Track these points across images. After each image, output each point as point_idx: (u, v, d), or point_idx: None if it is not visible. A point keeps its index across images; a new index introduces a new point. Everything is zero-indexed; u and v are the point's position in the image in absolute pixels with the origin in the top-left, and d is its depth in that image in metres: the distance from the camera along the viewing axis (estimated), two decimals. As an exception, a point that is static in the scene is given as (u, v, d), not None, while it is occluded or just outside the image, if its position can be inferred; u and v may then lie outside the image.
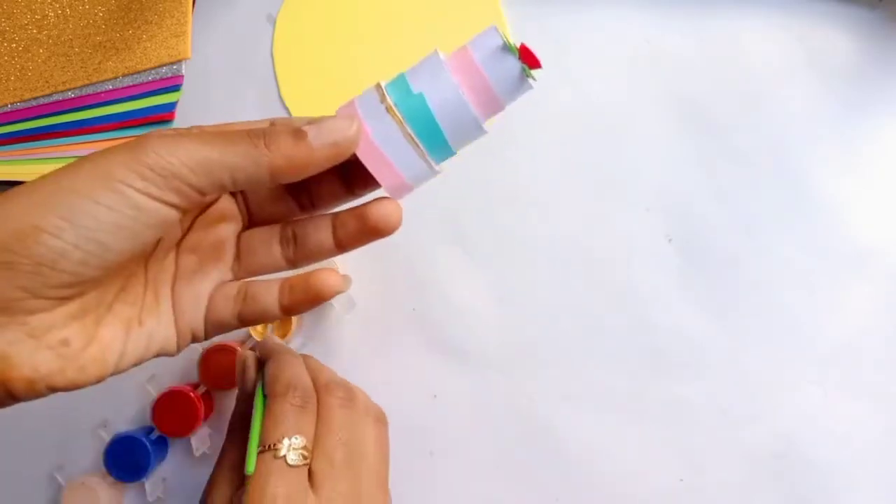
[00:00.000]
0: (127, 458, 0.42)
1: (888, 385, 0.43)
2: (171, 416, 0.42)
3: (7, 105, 0.45)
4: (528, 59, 0.28)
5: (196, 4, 0.45)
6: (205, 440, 0.45)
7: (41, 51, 0.45)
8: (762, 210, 0.44)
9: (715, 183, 0.45)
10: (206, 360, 0.43)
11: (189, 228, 0.30)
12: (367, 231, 0.30)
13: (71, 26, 0.44)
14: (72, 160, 0.43)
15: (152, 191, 0.25)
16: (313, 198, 0.32)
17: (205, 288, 0.30)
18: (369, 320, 0.45)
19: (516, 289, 0.45)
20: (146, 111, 0.43)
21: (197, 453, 0.44)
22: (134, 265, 0.29)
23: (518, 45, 0.28)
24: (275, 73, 0.47)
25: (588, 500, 0.43)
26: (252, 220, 0.32)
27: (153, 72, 0.44)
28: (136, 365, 0.29)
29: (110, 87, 0.44)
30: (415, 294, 0.45)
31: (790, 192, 0.44)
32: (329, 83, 0.46)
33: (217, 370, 0.43)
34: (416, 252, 0.45)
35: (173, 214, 0.26)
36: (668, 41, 0.45)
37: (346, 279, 0.32)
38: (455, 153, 0.30)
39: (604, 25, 0.46)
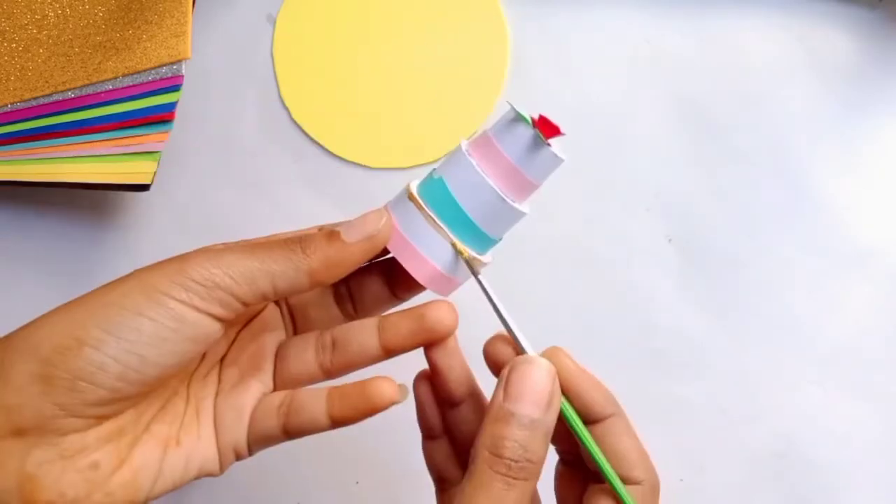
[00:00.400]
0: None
1: (888, 385, 0.43)
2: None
3: (7, 105, 0.45)
4: (546, 128, 0.28)
5: (196, 4, 0.45)
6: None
7: (41, 51, 0.45)
8: (762, 210, 0.44)
9: (715, 183, 0.45)
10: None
11: (233, 342, 0.30)
12: (422, 332, 0.29)
13: (71, 26, 0.44)
14: (72, 160, 0.43)
15: (196, 302, 0.24)
16: (356, 303, 0.31)
17: (246, 402, 0.29)
18: (369, 320, 0.45)
19: (516, 288, 0.45)
20: (146, 111, 0.43)
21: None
22: (177, 382, 0.28)
23: (535, 116, 0.28)
24: (275, 73, 0.47)
25: (588, 501, 0.43)
26: (297, 331, 0.31)
27: (153, 72, 0.44)
28: (174, 489, 0.28)
29: (110, 87, 0.44)
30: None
31: (790, 192, 0.44)
32: (329, 83, 0.46)
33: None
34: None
35: (216, 327, 0.25)
36: (668, 41, 0.45)
37: (403, 389, 0.30)
38: (497, 239, 0.30)
39: (604, 25, 0.46)
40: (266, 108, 0.46)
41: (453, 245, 0.29)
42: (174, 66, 0.43)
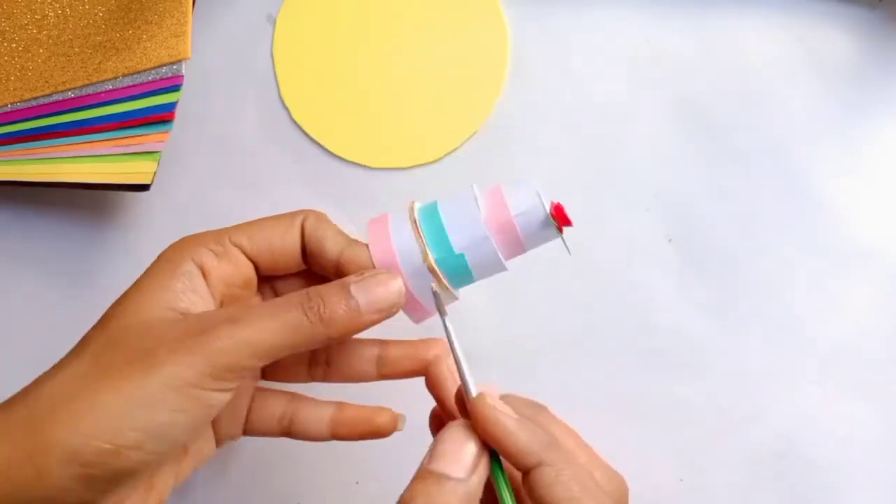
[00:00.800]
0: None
1: (888, 385, 0.43)
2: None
3: (7, 105, 0.45)
4: (561, 219, 0.30)
5: (196, 4, 0.45)
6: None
7: (41, 51, 0.45)
8: (762, 210, 0.44)
9: (715, 183, 0.45)
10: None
11: None
12: (420, 370, 0.31)
13: (71, 26, 0.44)
14: (72, 160, 0.43)
15: (224, 385, 0.25)
16: (331, 371, 0.32)
17: (242, 402, 0.30)
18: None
19: (516, 288, 0.45)
20: (146, 111, 0.43)
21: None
22: None
23: (553, 206, 0.30)
24: (275, 73, 0.47)
25: (588, 501, 0.43)
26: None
27: (153, 72, 0.44)
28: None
29: (110, 87, 0.44)
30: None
31: (790, 191, 0.44)
32: (329, 83, 0.46)
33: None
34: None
35: (231, 394, 0.26)
36: (668, 41, 0.45)
37: (402, 419, 0.31)
38: (472, 282, 0.31)
39: (604, 25, 0.46)
40: (266, 108, 0.46)
41: (453, 297, 0.30)
42: (174, 66, 0.43)
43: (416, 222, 0.29)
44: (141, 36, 0.44)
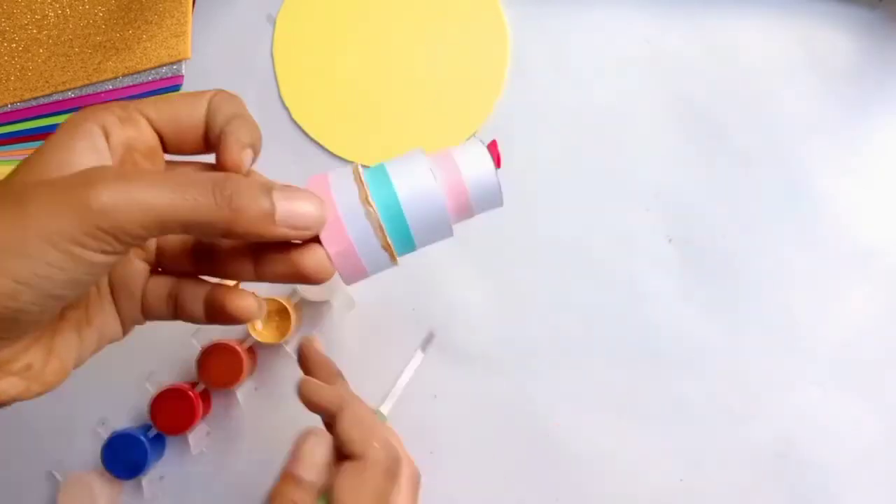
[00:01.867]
0: (124, 456, 0.42)
1: (888, 385, 0.43)
2: (169, 413, 0.42)
3: (7, 105, 0.45)
4: (495, 156, 0.28)
5: (196, 4, 0.45)
6: (202, 438, 0.45)
7: (41, 51, 0.45)
8: (762, 210, 0.44)
9: (715, 183, 0.44)
10: (205, 358, 0.43)
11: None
12: (297, 278, 0.28)
13: (71, 26, 0.44)
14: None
15: (105, 248, 0.23)
16: (214, 266, 0.30)
17: (136, 282, 0.29)
18: (369, 320, 0.45)
19: (516, 289, 0.45)
20: (146, 111, 0.43)
21: (195, 451, 0.44)
22: None
23: (489, 143, 0.28)
24: (275, 73, 0.47)
25: (588, 500, 0.43)
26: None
27: (153, 72, 0.44)
28: (89, 358, 0.29)
29: (110, 87, 0.44)
30: (415, 294, 0.45)
31: (790, 192, 0.44)
32: (329, 83, 0.46)
33: (215, 368, 0.43)
34: (415, 251, 0.45)
35: (120, 258, 0.25)
36: (668, 41, 0.45)
37: (262, 306, 0.30)
38: (414, 249, 0.29)
39: (604, 25, 0.46)
40: (266, 108, 0.46)
41: (384, 238, 0.27)
42: (174, 66, 0.43)
43: (359, 176, 0.28)
44: (141, 36, 0.44)
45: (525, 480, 0.44)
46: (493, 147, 0.28)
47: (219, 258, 0.29)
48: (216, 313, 0.29)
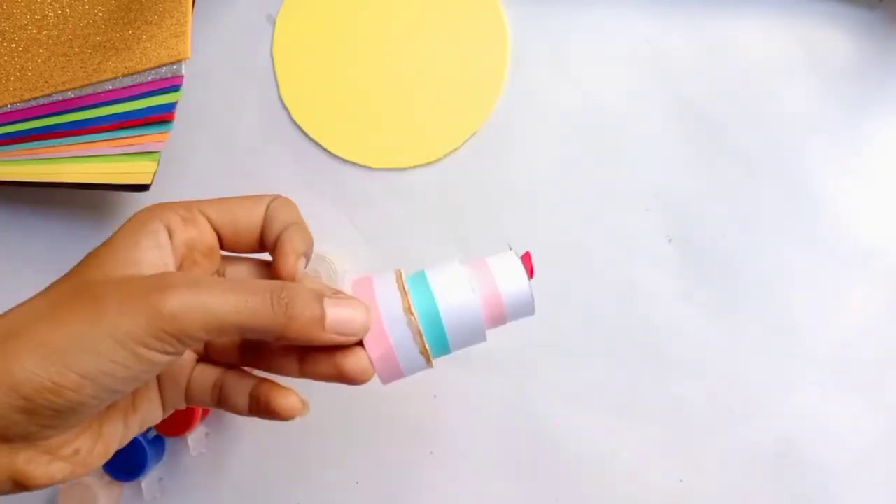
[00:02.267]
0: (124, 458, 0.42)
1: (888, 385, 0.43)
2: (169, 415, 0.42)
3: (7, 105, 0.45)
4: (529, 268, 0.30)
5: (196, 4, 0.45)
6: (201, 440, 0.45)
7: (41, 51, 0.45)
8: (762, 210, 0.44)
9: (715, 183, 0.45)
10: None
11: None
12: (339, 379, 0.29)
13: (71, 26, 0.44)
14: (72, 160, 0.43)
15: (167, 349, 0.25)
16: (261, 361, 0.31)
17: (182, 374, 0.31)
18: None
19: (516, 289, 0.45)
20: (146, 111, 0.43)
21: (194, 453, 0.44)
22: None
23: (522, 256, 0.30)
24: (275, 73, 0.47)
25: (588, 500, 0.43)
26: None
27: (153, 72, 0.44)
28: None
29: (110, 87, 0.44)
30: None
31: (790, 192, 0.44)
32: (329, 83, 0.46)
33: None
34: (415, 252, 0.45)
35: (178, 357, 0.27)
36: (668, 41, 0.45)
37: (305, 405, 0.31)
38: (450, 353, 0.31)
39: (604, 25, 0.46)
40: (266, 108, 0.46)
41: (422, 345, 0.29)
42: (174, 66, 0.43)
43: (402, 284, 0.29)
44: (141, 36, 0.44)
45: (525, 480, 0.44)
46: (526, 259, 0.30)
47: (266, 354, 0.31)
48: (260, 409, 0.30)
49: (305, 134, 0.46)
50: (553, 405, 0.44)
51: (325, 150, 0.46)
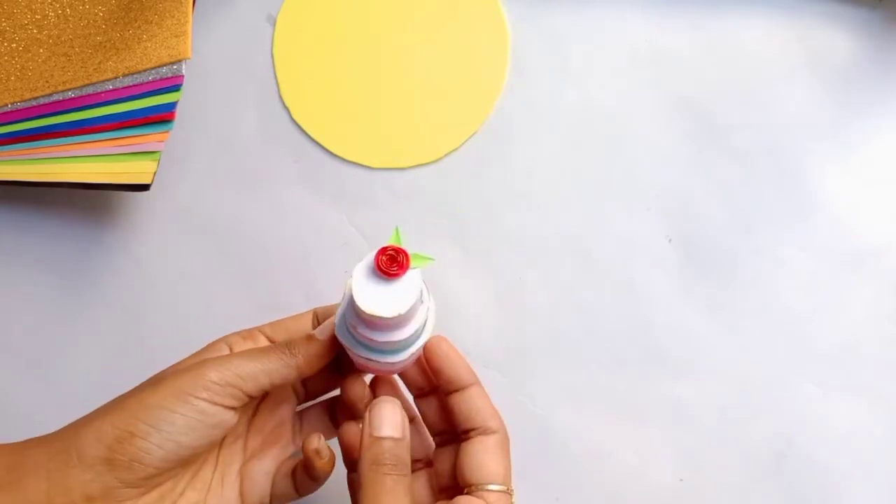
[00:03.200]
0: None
1: (888, 385, 0.43)
2: None
3: (7, 105, 0.45)
4: (387, 269, 0.33)
5: (196, 4, 0.45)
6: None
7: (41, 51, 0.45)
8: (762, 210, 0.44)
9: (715, 183, 0.45)
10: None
11: (254, 414, 0.38)
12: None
13: (71, 26, 0.44)
14: (72, 160, 0.43)
15: (213, 398, 0.32)
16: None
17: (268, 466, 0.37)
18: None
19: (516, 289, 0.45)
20: (146, 111, 0.43)
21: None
22: (207, 454, 0.36)
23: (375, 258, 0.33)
24: (275, 73, 0.47)
25: (588, 500, 0.43)
26: (308, 396, 0.39)
27: (153, 72, 0.44)
28: None
29: (110, 87, 0.44)
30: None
31: (790, 192, 0.44)
32: (329, 83, 0.46)
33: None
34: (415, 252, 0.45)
35: (230, 415, 0.33)
36: (668, 41, 0.45)
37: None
38: (414, 345, 0.35)
39: (604, 25, 0.46)
40: (266, 108, 0.47)
41: (378, 362, 0.34)
42: (174, 66, 0.43)
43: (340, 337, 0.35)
44: (141, 36, 0.44)
45: (525, 480, 0.44)
46: (379, 256, 0.33)
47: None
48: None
49: (305, 134, 0.46)
50: (553, 405, 0.44)
51: (325, 149, 0.46)
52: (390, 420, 0.33)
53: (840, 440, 0.43)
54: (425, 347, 0.35)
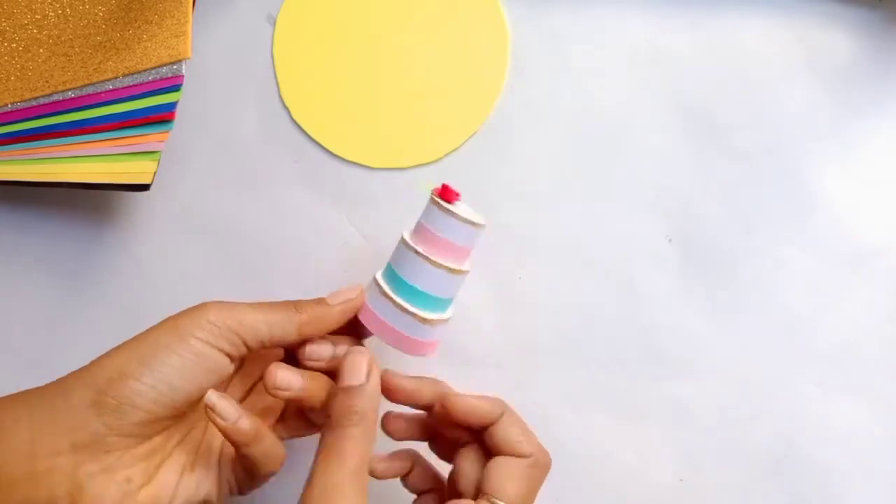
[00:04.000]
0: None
1: (888, 385, 0.43)
2: None
3: (7, 105, 0.45)
4: (445, 195, 0.35)
5: (196, 4, 0.45)
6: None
7: (41, 51, 0.45)
8: (762, 210, 0.44)
9: (715, 183, 0.45)
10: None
11: (247, 394, 0.38)
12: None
13: (71, 26, 0.44)
14: (72, 160, 0.43)
15: (210, 339, 0.32)
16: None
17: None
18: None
19: (516, 288, 0.45)
20: (146, 111, 0.43)
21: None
22: (196, 418, 0.35)
23: (439, 189, 0.35)
24: (275, 73, 0.47)
25: (588, 500, 0.43)
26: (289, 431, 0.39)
27: (153, 72, 0.44)
28: None
29: (110, 87, 0.44)
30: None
31: (790, 192, 0.44)
32: (329, 83, 0.46)
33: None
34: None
35: (226, 362, 0.33)
36: (668, 41, 0.45)
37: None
38: (451, 299, 0.36)
39: (604, 25, 0.46)
40: (266, 108, 0.47)
41: (412, 314, 0.35)
42: (174, 66, 0.43)
43: (377, 284, 0.36)
44: (141, 36, 0.44)
45: (525, 480, 0.44)
46: (442, 192, 0.35)
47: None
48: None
49: (305, 134, 0.46)
50: (553, 405, 0.44)
51: (325, 149, 0.46)
52: (363, 370, 0.34)
53: (840, 440, 0.43)
54: (442, 404, 0.36)
